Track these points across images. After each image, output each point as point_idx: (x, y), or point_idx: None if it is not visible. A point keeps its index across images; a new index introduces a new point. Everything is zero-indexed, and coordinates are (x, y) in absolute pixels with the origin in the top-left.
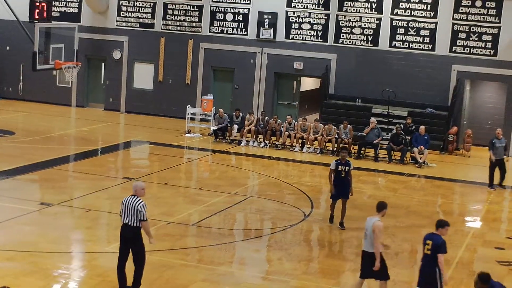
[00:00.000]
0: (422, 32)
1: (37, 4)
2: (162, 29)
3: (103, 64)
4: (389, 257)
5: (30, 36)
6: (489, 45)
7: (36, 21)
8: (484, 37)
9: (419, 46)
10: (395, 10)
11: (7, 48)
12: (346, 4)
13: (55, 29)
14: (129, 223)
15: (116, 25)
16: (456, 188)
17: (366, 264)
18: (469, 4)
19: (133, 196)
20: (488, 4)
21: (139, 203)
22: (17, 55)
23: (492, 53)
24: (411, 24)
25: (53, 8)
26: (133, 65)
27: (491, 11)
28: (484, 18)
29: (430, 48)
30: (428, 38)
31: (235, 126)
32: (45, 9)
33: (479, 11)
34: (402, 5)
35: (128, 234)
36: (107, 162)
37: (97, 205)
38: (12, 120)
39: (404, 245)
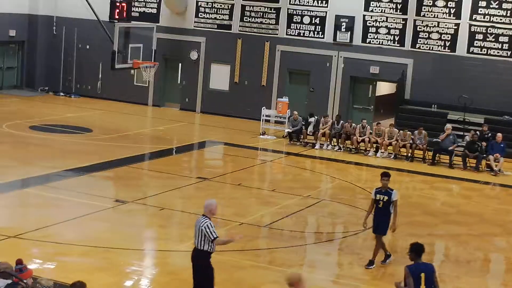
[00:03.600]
0: (501, 39)
1: (117, 4)
2: (239, 30)
3: (180, 64)
4: (461, 265)
5: (109, 35)
6: None
7: (116, 21)
8: None
9: (498, 52)
10: (474, 15)
11: (87, 47)
12: (424, 9)
13: (134, 29)
14: (196, 246)
15: (194, 26)
16: None
17: None
18: None
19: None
20: None
21: (204, 223)
22: (97, 54)
23: None
24: (489, 30)
25: (132, 9)
26: (209, 66)
27: None
28: None
29: (508, 54)
30: (507, 45)
31: (310, 127)
32: (125, 9)
33: None
34: (481, 10)
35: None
36: (181, 161)
37: (171, 203)
38: (89, 118)
39: (476, 254)
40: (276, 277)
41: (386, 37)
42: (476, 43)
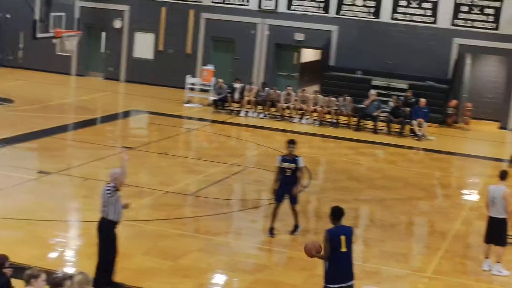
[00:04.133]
0: (424, 5)
1: None
2: None
3: (103, 33)
4: (386, 229)
5: (30, 4)
6: (491, 18)
7: None
8: (486, 11)
9: (421, 19)
10: None
11: (7, 16)
12: None
13: None
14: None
15: None
16: (454, 161)
17: (492, 230)
18: None
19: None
20: None
21: (105, 188)
22: (17, 23)
23: (494, 27)
24: None
25: None
26: (133, 35)
27: None
28: None
29: (432, 21)
30: (430, 11)
31: (235, 97)
32: None
33: None
34: None
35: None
36: (106, 131)
37: (95, 174)
38: (11, 88)
39: (401, 217)
40: (202, 245)
41: (311, 4)
42: (400, 10)
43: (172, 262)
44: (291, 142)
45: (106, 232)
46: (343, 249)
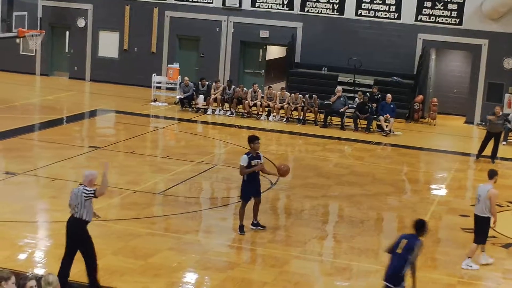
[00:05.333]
0: (388, 1)
1: None
2: None
3: (67, 32)
4: (355, 225)
5: None
6: (454, 14)
7: None
8: (450, 6)
9: (385, 14)
10: None
11: None
12: None
13: None
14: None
15: None
16: (421, 156)
17: (475, 227)
18: None
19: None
20: None
21: (81, 189)
22: None
23: (457, 22)
24: None
25: None
26: (98, 34)
27: None
28: None
29: (396, 16)
30: (394, 7)
31: (201, 97)
32: None
33: None
34: None
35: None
36: (72, 131)
37: (63, 174)
38: None
39: (369, 213)
40: (172, 244)
41: (275, 1)
42: (364, 6)
43: (143, 261)
44: (256, 139)
45: (82, 232)
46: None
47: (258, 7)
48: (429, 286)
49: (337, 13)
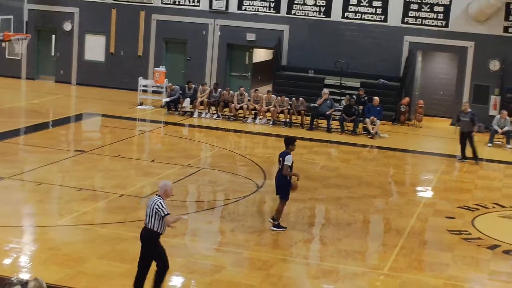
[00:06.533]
0: (375, 3)
1: None
2: (113, 0)
3: (53, 36)
4: (342, 227)
5: None
6: (440, 16)
7: None
8: (436, 8)
9: (372, 17)
10: None
11: None
12: None
13: (3, 0)
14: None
15: None
16: (408, 158)
17: None
18: None
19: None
20: None
21: (156, 201)
22: None
23: (443, 24)
24: None
25: None
26: (84, 37)
27: None
28: None
29: (382, 19)
30: (380, 9)
31: (187, 100)
32: None
33: None
34: None
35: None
36: (58, 135)
37: (49, 178)
38: None
39: (356, 216)
40: None
41: (262, 3)
42: (351, 8)
43: (129, 265)
44: (296, 140)
45: (152, 243)
46: None
47: (245, 10)
48: None
49: (324, 16)
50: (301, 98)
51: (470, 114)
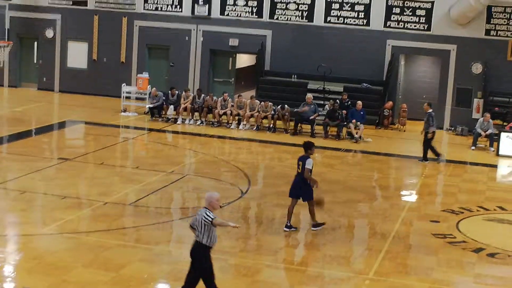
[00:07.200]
0: (357, 8)
1: None
2: (95, 6)
3: (35, 43)
4: (327, 232)
5: None
6: (423, 19)
7: None
8: (418, 12)
9: (354, 21)
10: None
11: None
12: None
13: None
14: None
15: (49, 3)
16: (391, 163)
17: None
18: None
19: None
20: None
21: (202, 213)
22: None
23: (426, 28)
24: None
25: None
26: (66, 44)
27: None
28: None
29: (365, 23)
30: (362, 13)
31: (171, 106)
32: None
33: None
34: None
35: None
36: (41, 142)
37: (32, 186)
38: None
39: (341, 220)
40: (144, 255)
41: (244, 9)
42: (333, 13)
43: (114, 273)
44: (314, 144)
45: (201, 257)
46: None
47: (227, 15)
48: None
49: (307, 20)
50: (286, 106)
51: (428, 115)
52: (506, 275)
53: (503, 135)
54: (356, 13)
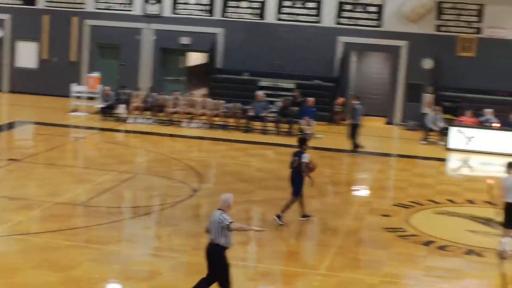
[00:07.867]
0: (309, 5)
1: None
2: (45, 6)
3: None
4: (279, 228)
5: None
6: (374, 16)
7: None
8: (369, 8)
9: (306, 18)
10: None
11: None
12: None
13: None
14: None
15: None
16: (343, 158)
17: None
18: None
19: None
20: None
21: (219, 215)
22: None
23: (377, 24)
24: None
25: None
26: (15, 44)
27: None
28: None
29: (316, 20)
30: (314, 11)
31: (123, 106)
32: None
33: None
34: None
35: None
36: None
37: None
38: None
39: (294, 216)
40: (94, 255)
41: (196, 7)
42: (285, 10)
43: (64, 273)
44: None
45: (219, 258)
46: None
47: (179, 13)
48: (352, 286)
49: (259, 18)
50: (238, 104)
51: (352, 108)
52: (457, 267)
53: (453, 129)
54: (308, 10)
